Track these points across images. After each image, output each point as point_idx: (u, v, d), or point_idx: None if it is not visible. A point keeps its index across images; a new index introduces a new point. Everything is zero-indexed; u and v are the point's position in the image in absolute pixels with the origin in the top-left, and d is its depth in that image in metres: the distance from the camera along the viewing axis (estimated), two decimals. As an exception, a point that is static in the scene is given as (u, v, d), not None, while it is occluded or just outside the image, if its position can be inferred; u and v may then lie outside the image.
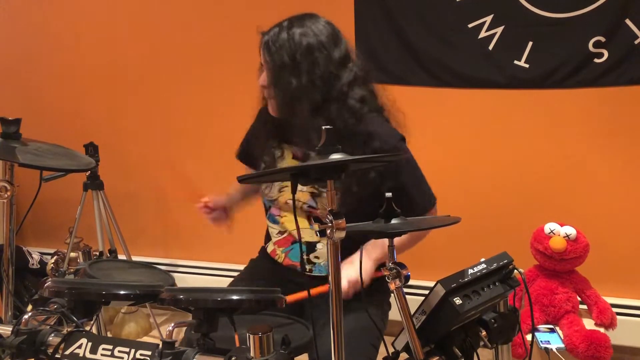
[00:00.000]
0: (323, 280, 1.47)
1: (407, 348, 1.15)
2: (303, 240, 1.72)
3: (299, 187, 1.70)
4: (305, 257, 1.72)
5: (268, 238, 1.87)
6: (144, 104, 3.18)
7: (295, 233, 1.76)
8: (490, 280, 1.20)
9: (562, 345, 2.18)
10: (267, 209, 1.85)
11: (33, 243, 3.48)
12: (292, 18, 1.63)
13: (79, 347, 1.10)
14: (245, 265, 1.93)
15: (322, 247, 1.71)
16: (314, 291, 1.49)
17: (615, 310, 2.35)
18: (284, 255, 1.78)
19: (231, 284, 1.85)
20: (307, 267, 1.72)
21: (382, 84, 1.74)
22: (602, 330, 2.25)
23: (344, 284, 1.52)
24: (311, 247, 1.72)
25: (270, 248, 1.83)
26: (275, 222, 1.81)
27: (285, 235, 1.79)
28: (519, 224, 2.53)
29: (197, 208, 1.91)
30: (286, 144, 1.76)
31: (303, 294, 1.49)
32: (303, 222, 1.70)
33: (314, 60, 1.57)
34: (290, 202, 1.72)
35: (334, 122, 1.55)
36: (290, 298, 1.42)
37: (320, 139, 1.05)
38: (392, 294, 1.14)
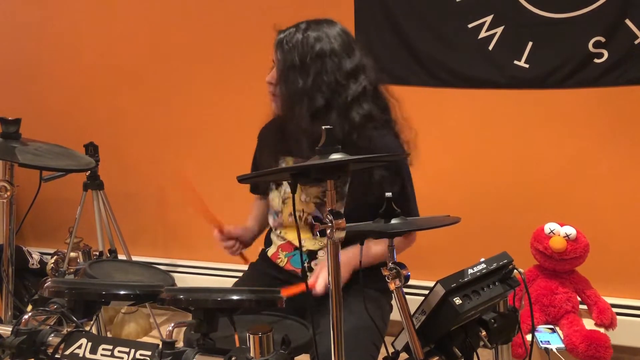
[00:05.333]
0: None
1: (407, 348, 1.15)
2: (305, 248, 1.72)
3: (303, 197, 1.70)
4: (306, 264, 1.72)
5: (269, 242, 1.87)
6: (143, 104, 3.17)
7: (295, 242, 1.76)
8: (490, 280, 1.20)
9: (562, 345, 2.18)
10: (271, 219, 1.85)
11: (33, 243, 3.48)
12: (310, 21, 1.65)
13: (79, 347, 1.10)
14: (245, 267, 1.93)
15: (323, 255, 1.71)
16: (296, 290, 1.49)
17: (615, 310, 2.35)
18: (287, 259, 1.78)
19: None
20: (309, 274, 1.72)
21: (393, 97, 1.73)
22: (602, 330, 2.25)
23: (321, 282, 1.53)
24: (312, 254, 1.72)
25: (272, 251, 1.82)
26: (277, 230, 1.82)
27: (286, 241, 1.79)
28: (519, 224, 2.53)
29: (213, 234, 1.85)
30: (288, 156, 1.76)
31: (300, 288, 1.48)
32: (305, 232, 1.71)
33: (323, 66, 1.59)
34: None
35: (335, 132, 1.56)
36: (286, 292, 1.41)
37: (314, 144, 1.05)
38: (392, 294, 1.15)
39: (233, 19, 2.91)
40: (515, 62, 2.48)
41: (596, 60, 2.39)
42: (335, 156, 1.03)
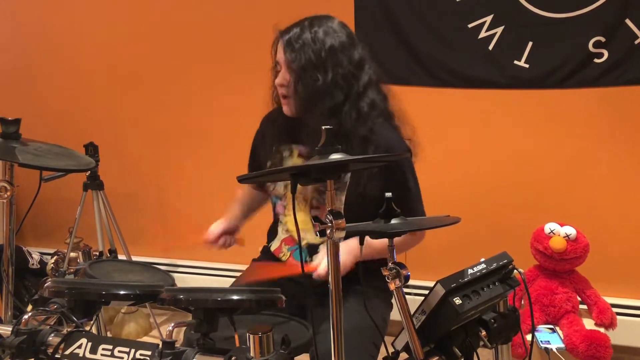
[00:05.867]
0: (324, 280, 1.47)
1: (407, 348, 1.15)
2: (306, 242, 1.72)
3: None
4: (308, 258, 1.72)
5: (272, 236, 1.86)
6: (144, 104, 3.17)
7: (295, 235, 1.76)
8: (490, 280, 1.20)
9: (562, 345, 2.18)
10: (273, 207, 1.84)
11: (33, 243, 3.48)
12: (310, 18, 1.65)
13: (79, 347, 1.10)
14: (247, 266, 1.92)
15: (324, 248, 1.71)
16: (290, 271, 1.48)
17: (615, 310, 2.35)
18: (290, 253, 1.77)
19: (233, 285, 1.84)
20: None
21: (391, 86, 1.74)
22: (602, 330, 2.25)
23: (324, 264, 1.51)
24: (314, 248, 1.72)
25: (275, 245, 1.82)
26: (280, 221, 1.81)
27: (290, 235, 1.79)
28: (519, 224, 2.53)
29: (205, 246, 1.84)
30: (294, 144, 1.75)
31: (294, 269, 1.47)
32: (307, 222, 1.70)
33: (338, 59, 1.59)
34: (298, 195, 1.71)
35: (345, 123, 1.58)
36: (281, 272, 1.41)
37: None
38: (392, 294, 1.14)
39: (233, 18, 2.91)
40: (515, 62, 2.48)
41: (596, 60, 2.39)
42: (335, 156, 1.03)
